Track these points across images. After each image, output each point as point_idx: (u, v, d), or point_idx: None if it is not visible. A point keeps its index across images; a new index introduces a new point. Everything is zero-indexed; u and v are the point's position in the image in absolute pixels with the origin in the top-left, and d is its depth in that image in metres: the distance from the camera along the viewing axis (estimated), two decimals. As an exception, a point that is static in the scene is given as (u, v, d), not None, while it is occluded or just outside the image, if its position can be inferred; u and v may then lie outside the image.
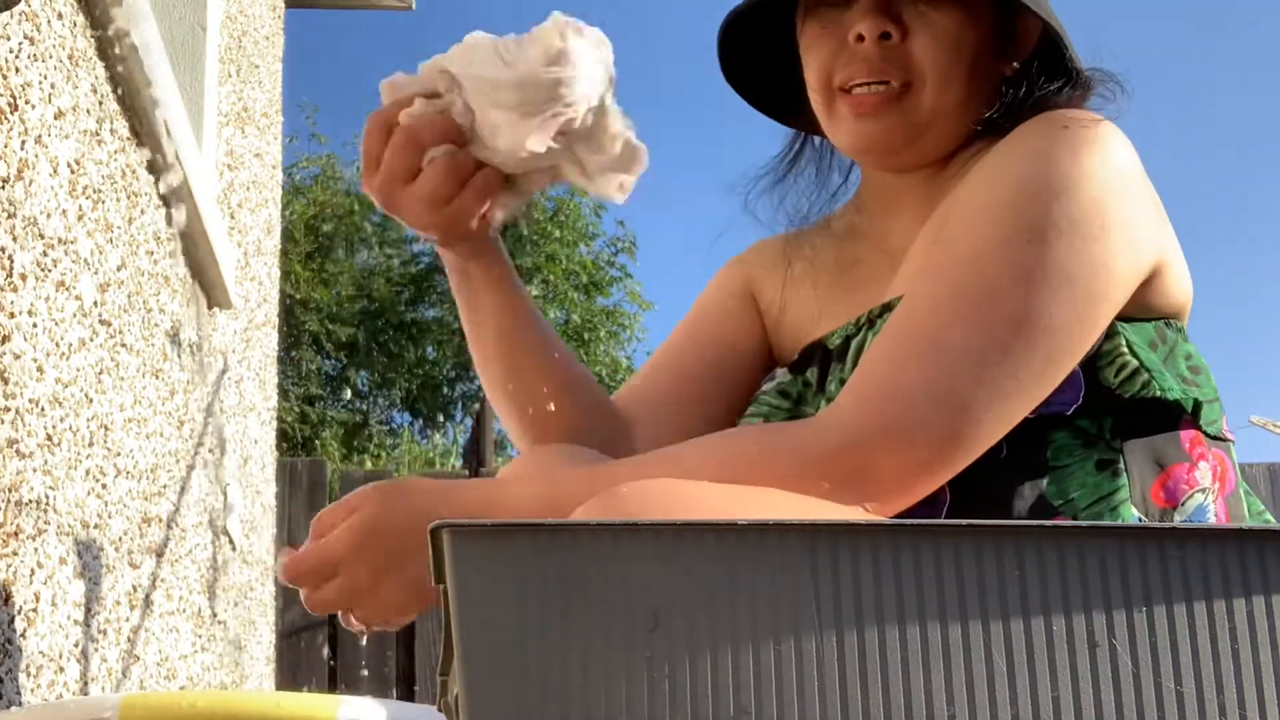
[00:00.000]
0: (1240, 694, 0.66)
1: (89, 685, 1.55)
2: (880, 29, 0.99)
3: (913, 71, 1.00)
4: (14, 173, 1.32)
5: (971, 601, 0.66)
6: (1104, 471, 0.91)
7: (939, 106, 1.01)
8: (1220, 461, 0.96)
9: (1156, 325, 0.97)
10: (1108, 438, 0.92)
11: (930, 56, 0.99)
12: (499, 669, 0.65)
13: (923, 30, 1.00)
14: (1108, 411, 0.92)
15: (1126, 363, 0.93)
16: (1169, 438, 0.93)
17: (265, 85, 3.30)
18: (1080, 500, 0.90)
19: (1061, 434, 0.92)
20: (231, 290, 2.48)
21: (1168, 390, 0.93)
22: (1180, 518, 0.91)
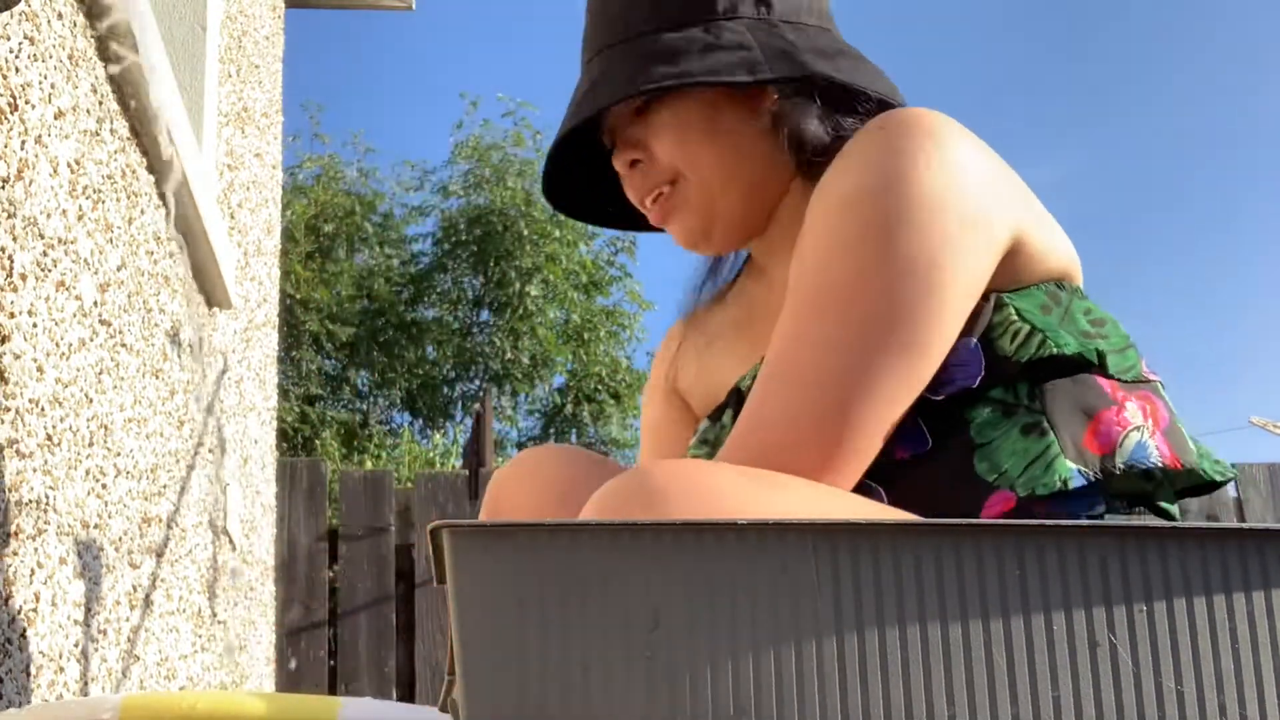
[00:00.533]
0: (1240, 693, 0.66)
1: (89, 685, 1.55)
2: (627, 161, 1.11)
3: (669, 171, 1.09)
4: (14, 173, 1.32)
5: (971, 601, 0.66)
6: (1030, 435, 0.91)
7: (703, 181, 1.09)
8: (1147, 400, 0.95)
9: (1046, 289, 0.98)
10: (1026, 403, 0.93)
11: (670, 152, 1.08)
12: (499, 669, 0.65)
13: (655, 140, 1.09)
14: (1016, 379, 0.93)
15: (1019, 328, 0.94)
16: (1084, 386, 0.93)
17: (265, 85, 3.30)
18: (1013, 469, 0.90)
19: (980, 411, 0.93)
20: (231, 290, 2.48)
21: (1064, 345, 0.93)
22: (1121, 459, 0.91)
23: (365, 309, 13.12)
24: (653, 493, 0.77)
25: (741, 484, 0.81)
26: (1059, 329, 0.95)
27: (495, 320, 13.29)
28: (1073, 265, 1.02)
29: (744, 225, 1.11)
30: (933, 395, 0.93)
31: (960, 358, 0.94)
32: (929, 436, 0.93)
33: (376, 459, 12.08)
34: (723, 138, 1.07)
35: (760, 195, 1.09)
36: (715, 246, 1.14)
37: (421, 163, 16.27)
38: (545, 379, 13.38)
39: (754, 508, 0.78)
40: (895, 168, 0.93)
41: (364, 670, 3.88)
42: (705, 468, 0.82)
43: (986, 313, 0.95)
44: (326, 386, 12.88)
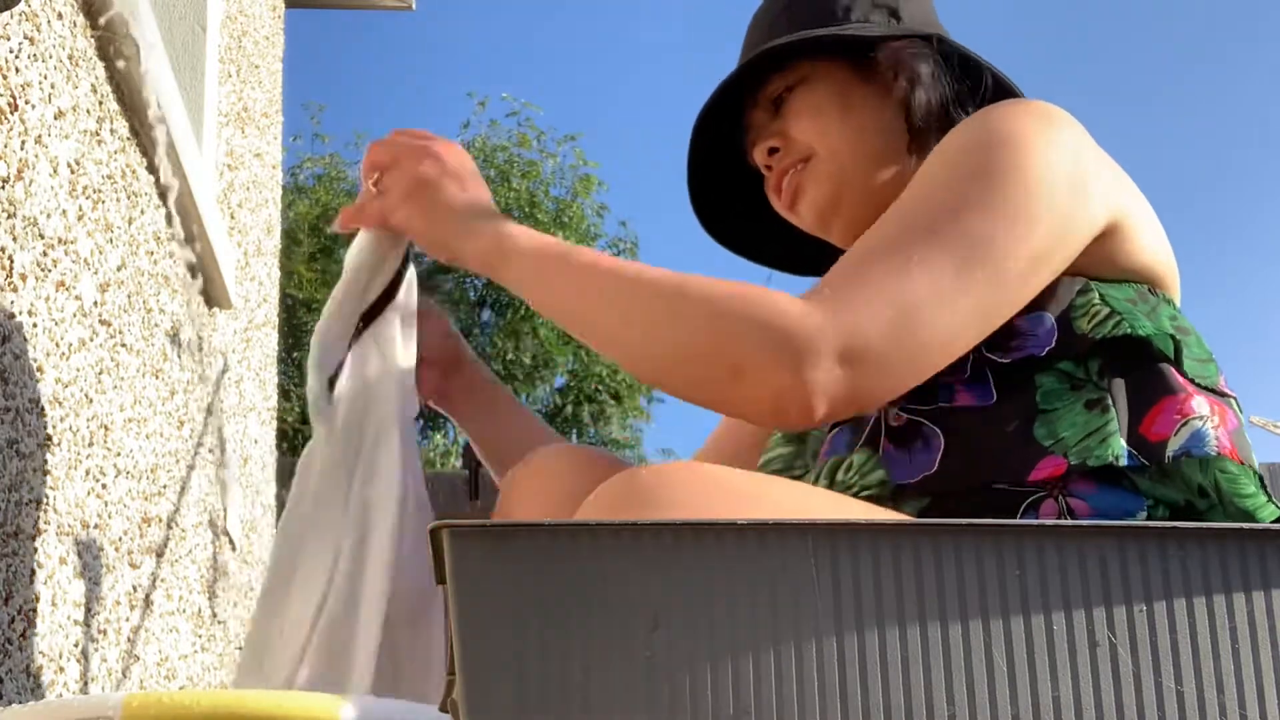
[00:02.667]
0: (1240, 693, 0.66)
1: (89, 685, 1.55)
2: (767, 149, 1.16)
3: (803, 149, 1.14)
4: (14, 173, 1.32)
5: (971, 601, 0.66)
6: (1093, 410, 0.92)
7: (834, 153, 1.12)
8: (1219, 404, 0.95)
9: (1137, 288, 0.99)
10: (1095, 380, 0.93)
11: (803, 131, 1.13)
12: (499, 669, 0.65)
13: (792, 124, 1.14)
14: (1089, 355, 0.94)
15: (1099, 310, 0.95)
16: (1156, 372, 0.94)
17: (265, 85, 3.30)
18: (1070, 437, 0.91)
19: (1047, 378, 0.93)
20: (231, 290, 2.48)
21: (1140, 327, 0.94)
22: (1175, 445, 0.90)
23: (366, 309, 13.10)
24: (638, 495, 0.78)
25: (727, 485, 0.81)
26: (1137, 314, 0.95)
27: (496, 321, 13.29)
28: (1169, 273, 1.02)
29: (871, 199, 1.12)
30: (1000, 358, 0.94)
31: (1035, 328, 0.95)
32: (995, 392, 0.94)
33: (376, 459, 12.06)
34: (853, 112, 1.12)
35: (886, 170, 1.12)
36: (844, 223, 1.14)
37: (422, 163, 16.23)
38: (546, 379, 13.38)
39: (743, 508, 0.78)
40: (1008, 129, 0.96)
41: (364, 670, 3.87)
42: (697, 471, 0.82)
43: (1070, 292, 0.96)
44: (327, 386, 12.87)
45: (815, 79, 1.14)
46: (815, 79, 1.14)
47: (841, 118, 1.12)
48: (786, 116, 1.15)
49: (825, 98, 1.13)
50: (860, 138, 1.12)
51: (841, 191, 1.13)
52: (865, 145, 1.12)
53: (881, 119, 1.12)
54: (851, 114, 1.12)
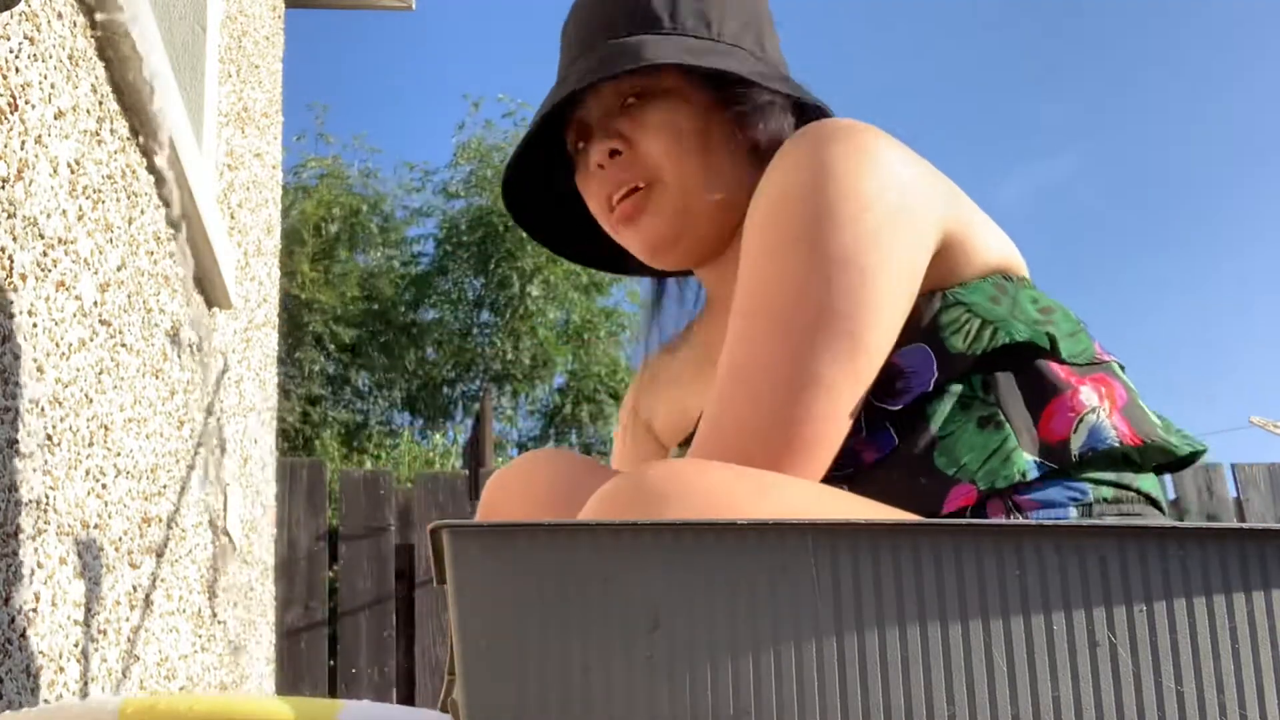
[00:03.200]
0: (1240, 693, 0.66)
1: (89, 685, 1.55)
2: (607, 149, 1.09)
3: (649, 170, 1.08)
4: (14, 173, 1.32)
5: (971, 601, 0.66)
6: (987, 428, 0.92)
7: (683, 186, 1.08)
8: (1103, 381, 0.96)
9: (992, 280, 0.99)
10: (980, 395, 0.94)
11: (656, 150, 1.07)
12: (499, 669, 0.65)
13: (642, 134, 1.08)
14: (971, 371, 0.94)
15: (970, 324, 0.95)
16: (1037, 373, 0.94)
17: (265, 85, 3.30)
18: (972, 463, 0.91)
19: (939, 406, 0.94)
20: (231, 290, 2.48)
21: (1015, 333, 0.94)
22: (1078, 443, 0.91)
23: (367, 310, 13.12)
24: (650, 493, 0.78)
25: (738, 484, 0.81)
26: (1009, 318, 0.96)
27: (496, 321, 13.29)
28: (1013, 259, 1.03)
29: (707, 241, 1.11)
30: (892, 405, 0.94)
31: (913, 363, 0.95)
32: (895, 436, 0.94)
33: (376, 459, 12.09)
34: (711, 147, 1.08)
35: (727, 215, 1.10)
36: (675, 258, 1.13)
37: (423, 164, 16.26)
38: (545, 379, 13.38)
39: (750, 507, 0.78)
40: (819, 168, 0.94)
41: (364, 670, 3.88)
42: (702, 467, 0.82)
43: (933, 310, 0.96)
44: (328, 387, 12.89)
45: (679, 94, 1.08)
46: (679, 94, 1.08)
47: (700, 151, 1.08)
48: (639, 123, 1.08)
49: (687, 124, 1.07)
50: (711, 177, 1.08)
51: (682, 230, 1.10)
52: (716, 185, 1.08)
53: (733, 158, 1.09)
54: (710, 149, 1.08)
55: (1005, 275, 1.01)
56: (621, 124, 1.09)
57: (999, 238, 1.03)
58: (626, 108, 1.09)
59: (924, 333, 0.96)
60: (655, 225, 1.09)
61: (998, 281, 0.99)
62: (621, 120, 1.09)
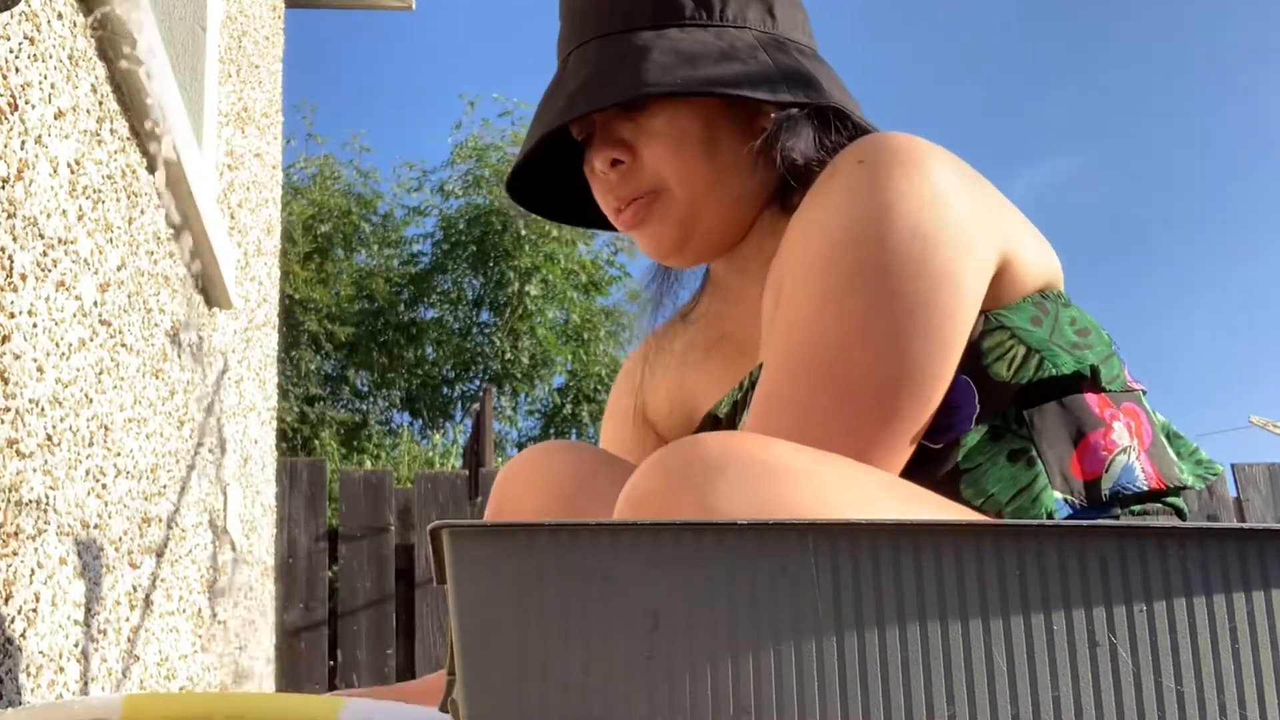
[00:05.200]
0: (1240, 693, 0.66)
1: (89, 685, 1.55)
2: (609, 159, 1.06)
3: (654, 180, 1.05)
4: (14, 173, 1.32)
5: (971, 601, 0.66)
6: (1018, 463, 0.90)
7: (690, 196, 1.05)
8: (1133, 415, 0.95)
9: (1034, 300, 0.96)
10: (1014, 428, 0.91)
11: (661, 162, 1.04)
12: (499, 669, 0.65)
13: (646, 145, 1.04)
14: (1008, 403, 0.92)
15: (1015, 352, 0.92)
16: (1073, 407, 0.92)
17: (265, 85, 3.29)
18: (1000, 495, 0.89)
19: (969, 435, 0.91)
20: (231, 290, 2.48)
21: (1062, 365, 0.92)
22: (1108, 483, 0.90)
23: (365, 309, 13.11)
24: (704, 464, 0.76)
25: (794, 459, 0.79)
26: (1051, 345, 0.93)
27: (495, 320, 13.28)
28: (1055, 273, 1.01)
29: (720, 242, 1.09)
30: (933, 444, 0.91)
31: (955, 399, 0.91)
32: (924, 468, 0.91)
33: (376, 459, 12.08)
34: (718, 153, 1.05)
35: (740, 213, 1.07)
36: (685, 260, 1.11)
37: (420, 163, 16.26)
38: (545, 379, 13.38)
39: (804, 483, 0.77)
40: (879, 203, 0.90)
41: (364, 670, 3.88)
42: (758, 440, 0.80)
43: (976, 333, 0.93)
44: (326, 386, 12.88)
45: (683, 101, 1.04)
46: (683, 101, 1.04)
47: (705, 159, 1.04)
48: (642, 131, 1.05)
49: (691, 129, 1.04)
50: (720, 181, 1.05)
51: (689, 236, 1.07)
52: (724, 191, 1.05)
53: (743, 161, 1.05)
54: (716, 156, 1.04)
55: (1043, 293, 0.98)
56: (623, 129, 1.06)
57: (1041, 248, 1.00)
58: (630, 112, 1.05)
59: (966, 360, 0.92)
60: (661, 232, 1.07)
61: (1038, 301, 0.96)
62: (624, 125, 1.06)
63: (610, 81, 1.01)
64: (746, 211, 1.07)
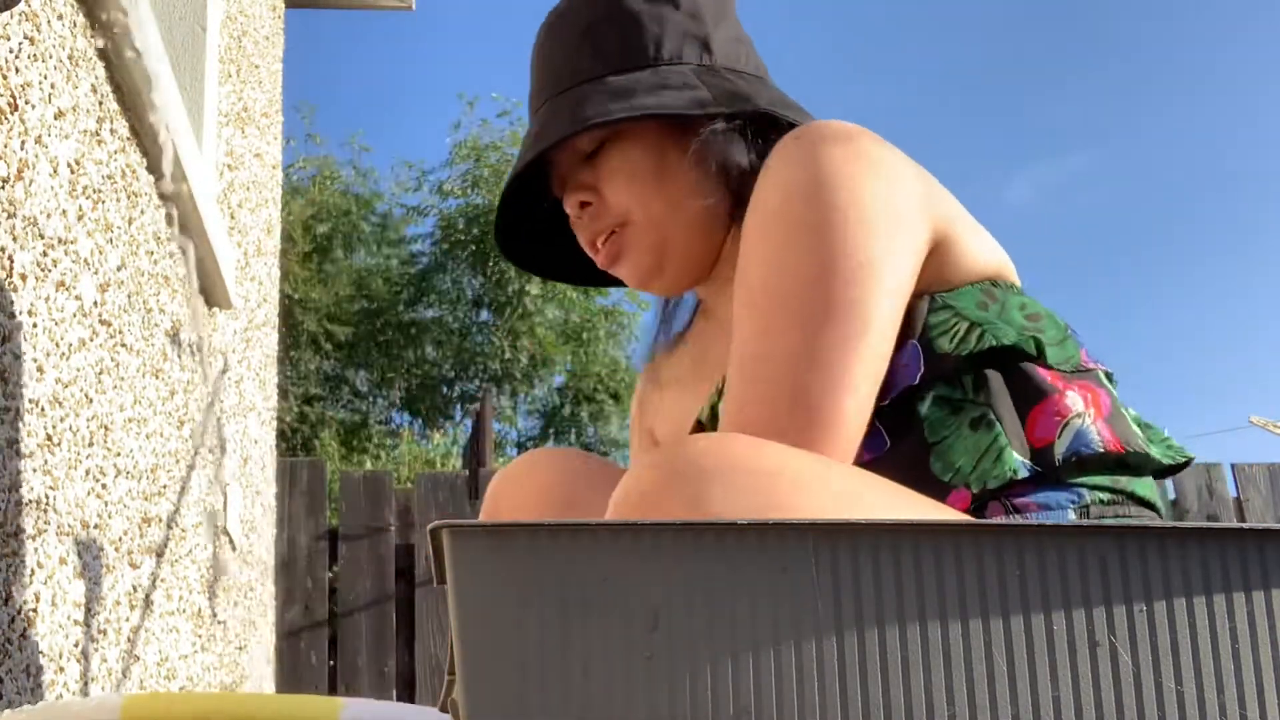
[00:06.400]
0: (1240, 693, 0.66)
1: (89, 685, 1.55)
2: (577, 203, 1.14)
3: (618, 213, 1.13)
4: (14, 173, 1.32)
5: (971, 601, 0.66)
6: (979, 429, 0.94)
7: (653, 222, 1.12)
8: (1088, 388, 0.97)
9: (981, 286, 1.01)
10: (971, 396, 0.95)
11: (620, 195, 1.12)
12: (499, 669, 0.65)
13: (605, 183, 1.13)
14: (959, 372, 0.96)
15: (958, 327, 0.97)
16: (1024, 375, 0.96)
17: (265, 85, 3.30)
18: (965, 466, 0.92)
19: (931, 410, 0.95)
20: (231, 290, 2.48)
21: (1003, 336, 0.96)
22: (1061, 448, 0.93)
23: (364, 309, 13.11)
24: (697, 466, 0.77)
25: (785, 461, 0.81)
26: (995, 321, 0.97)
27: (494, 320, 13.29)
28: (1004, 266, 1.04)
29: (693, 263, 1.15)
30: (882, 402, 0.95)
31: (903, 358, 0.96)
32: (887, 438, 0.95)
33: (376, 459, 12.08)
34: (670, 178, 1.11)
35: (706, 233, 1.13)
36: (666, 285, 1.17)
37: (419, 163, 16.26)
38: (544, 379, 13.38)
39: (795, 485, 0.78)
40: (817, 168, 0.96)
41: (364, 670, 3.88)
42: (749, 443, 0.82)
43: (923, 313, 0.98)
44: (325, 386, 12.88)
45: (629, 136, 1.12)
46: (629, 136, 1.12)
47: (658, 185, 1.11)
48: (600, 173, 1.13)
49: (641, 160, 1.12)
50: (678, 203, 1.11)
51: (663, 259, 1.13)
52: (684, 210, 1.12)
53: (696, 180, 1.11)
54: (667, 180, 1.11)
55: (994, 282, 1.02)
56: (585, 176, 1.14)
57: (989, 244, 1.04)
58: (589, 158, 1.14)
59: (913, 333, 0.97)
60: (637, 261, 1.14)
61: (986, 288, 1.01)
62: (585, 172, 1.14)
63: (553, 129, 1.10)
64: (711, 232, 1.13)
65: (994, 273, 1.02)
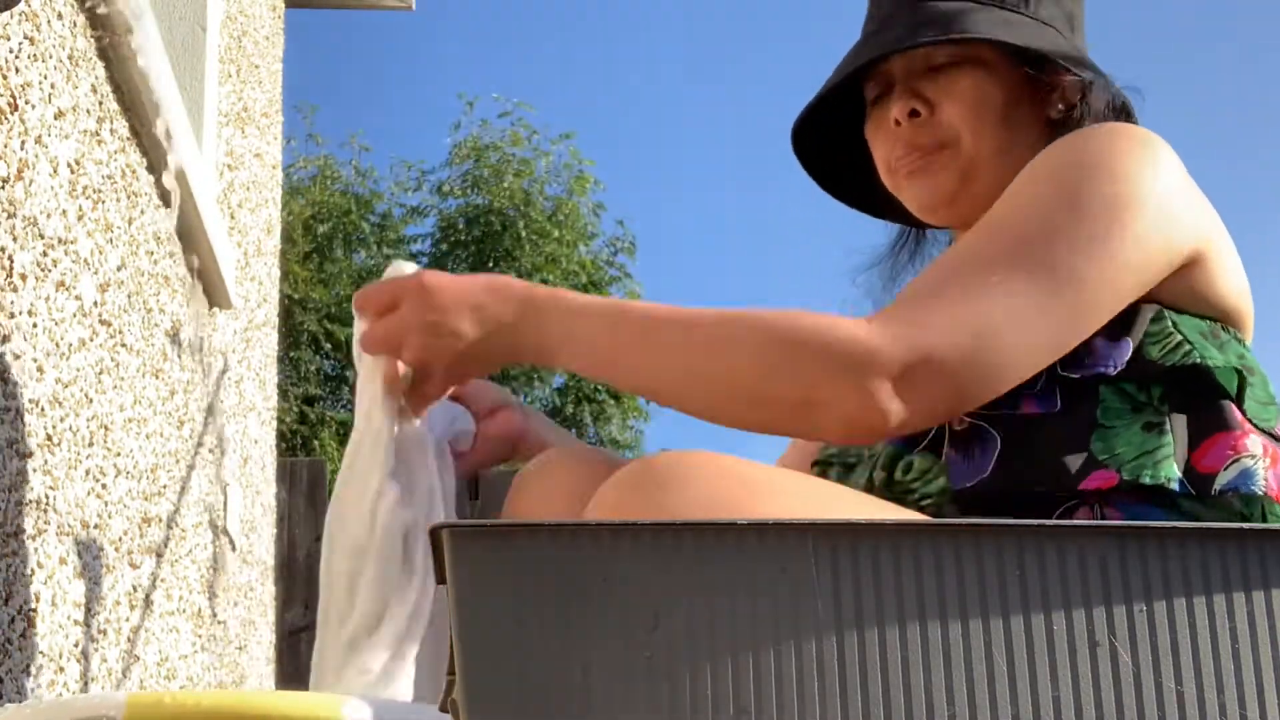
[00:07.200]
0: (1240, 693, 0.66)
1: (89, 685, 1.55)
2: (908, 109, 1.10)
3: (947, 134, 1.10)
4: (14, 173, 1.32)
5: (971, 601, 0.66)
6: (1150, 432, 0.93)
7: (977, 153, 1.09)
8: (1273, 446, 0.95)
9: (1210, 324, 0.99)
10: (1156, 404, 0.94)
11: (957, 117, 1.09)
12: (499, 669, 0.65)
13: (946, 99, 1.10)
14: (1154, 380, 0.95)
15: (1172, 338, 0.96)
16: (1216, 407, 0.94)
17: (265, 85, 3.30)
18: (1126, 454, 0.92)
19: (1111, 395, 0.94)
20: (231, 290, 2.48)
21: (1209, 358, 0.95)
22: (1224, 479, 0.91)
23: (365, 309, 13.08)
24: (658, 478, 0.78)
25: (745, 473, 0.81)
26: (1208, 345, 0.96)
27: (495, 320, 13.24)
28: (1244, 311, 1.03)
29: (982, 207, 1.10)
30: (1072, 373, 0.95)
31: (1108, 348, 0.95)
32: (1059, 403, 0.95)
33: (376, 459, 12.04)
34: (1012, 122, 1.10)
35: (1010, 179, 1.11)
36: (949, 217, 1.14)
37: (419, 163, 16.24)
38: (546, 380, 13.37)
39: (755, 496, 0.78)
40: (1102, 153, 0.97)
41: (364, 670, 3.87)
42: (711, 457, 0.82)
43: (1145, 320, 0.97)
44: (325, 386, 12.88)
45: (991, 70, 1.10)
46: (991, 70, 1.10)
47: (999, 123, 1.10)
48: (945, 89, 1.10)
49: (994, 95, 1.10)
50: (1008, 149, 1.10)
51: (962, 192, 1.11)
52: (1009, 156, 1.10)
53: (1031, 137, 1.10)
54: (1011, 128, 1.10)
55: (1225, 325, 1.01)
56: (926, 86, 1.11)
57: (1241, 282, 1.03)
58: (934, 70, 1.10)
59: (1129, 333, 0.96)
60: (940, 184, 1.11)
61: (1213, 326, 1.00)
62: (926, 83, 1.11)
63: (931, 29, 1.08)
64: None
65: (1232, 313, 1.02)
